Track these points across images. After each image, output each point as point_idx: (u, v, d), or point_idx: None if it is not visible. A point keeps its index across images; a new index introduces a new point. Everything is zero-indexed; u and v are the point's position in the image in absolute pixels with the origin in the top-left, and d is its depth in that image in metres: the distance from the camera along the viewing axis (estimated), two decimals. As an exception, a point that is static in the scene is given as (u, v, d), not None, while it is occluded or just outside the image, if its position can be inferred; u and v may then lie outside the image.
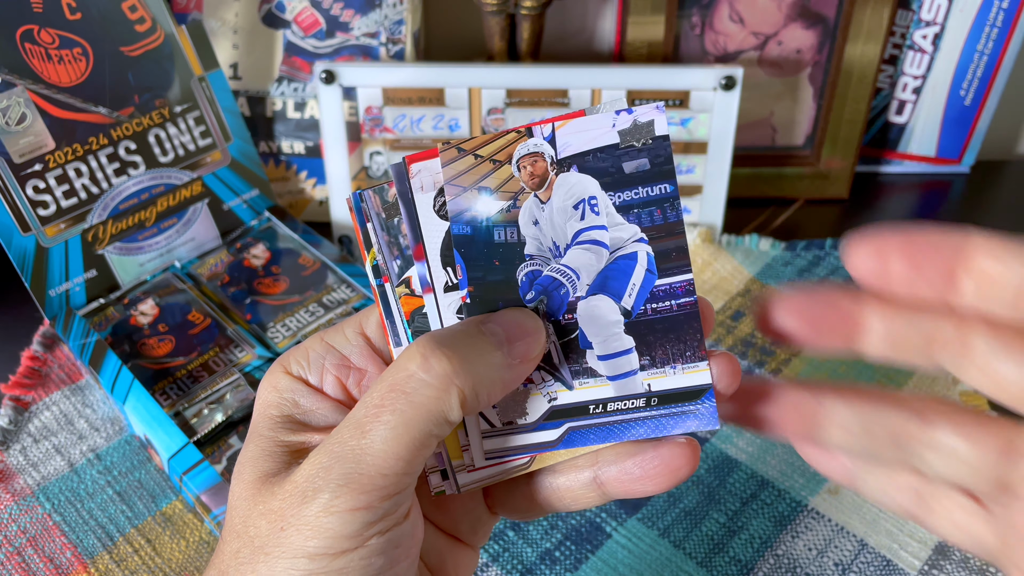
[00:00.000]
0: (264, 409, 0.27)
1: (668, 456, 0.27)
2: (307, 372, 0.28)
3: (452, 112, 0.63)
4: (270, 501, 0.24)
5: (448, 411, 0.24)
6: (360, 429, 0.24)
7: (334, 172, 0.65)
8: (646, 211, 0.26)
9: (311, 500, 0.23)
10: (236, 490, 0.26)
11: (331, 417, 0.27)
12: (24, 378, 0.56)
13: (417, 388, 0.24)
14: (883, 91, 0.73)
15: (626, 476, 0.27)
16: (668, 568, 0.46)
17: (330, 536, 0.23)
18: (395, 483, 0.23)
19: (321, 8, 0.64)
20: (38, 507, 0.49)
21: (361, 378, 0.28)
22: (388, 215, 0.27)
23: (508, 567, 0.46)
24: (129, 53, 0.56)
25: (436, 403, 0.24)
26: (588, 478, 0.28)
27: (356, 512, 0.23)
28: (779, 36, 0.69)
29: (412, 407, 0.23)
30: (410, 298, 0.27)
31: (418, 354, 0.24)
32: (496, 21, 0.64)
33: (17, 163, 0.52)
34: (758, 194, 0.73)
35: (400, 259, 0.27)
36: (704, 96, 0.62)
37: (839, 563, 0.46)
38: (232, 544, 0.25)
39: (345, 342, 0.28)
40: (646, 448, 0.27)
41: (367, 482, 0.23)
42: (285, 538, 0.23)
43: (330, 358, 0.28)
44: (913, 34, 0.70)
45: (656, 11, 0.66)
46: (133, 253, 0.58)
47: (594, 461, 0.28)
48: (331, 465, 0.23)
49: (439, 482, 0.28)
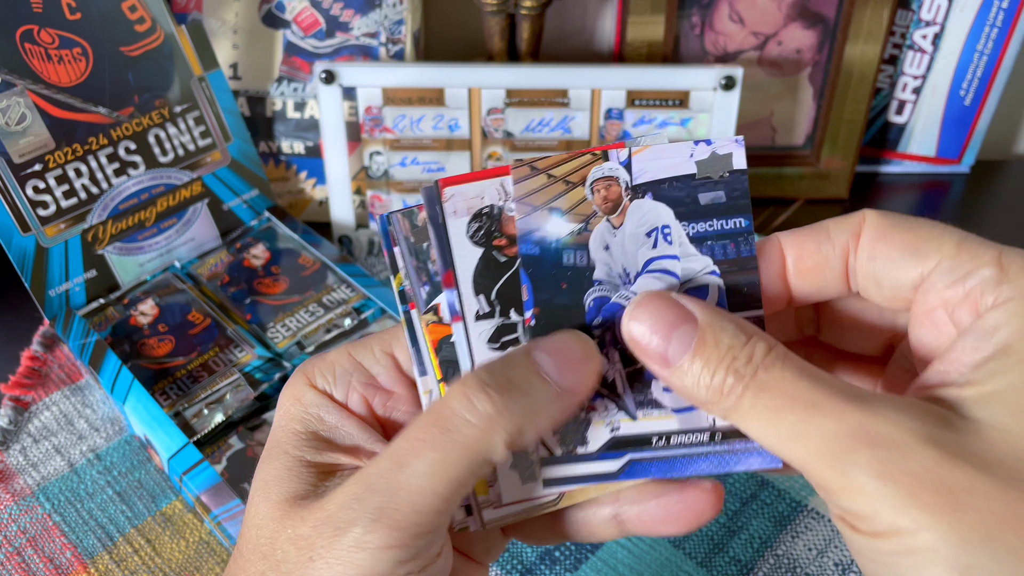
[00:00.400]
0: (287, 423, 0.26)
1: (692, 501, 0.26)
2: (332, 387, 0.27)
3: (452, 112, 0.63)
4: (299, 527, 0.24)
5: (491, 452, 0.23)
6: (398, 462, 0.23)
7: (334, 172, 0.65)
8: (719, 244, 0.26)
9: (343, 533, 0.23)
10: (262, 510, 0.25)
11: (356, 436, 0.26)
12: (24, 378, 0.56)
13: (459, 427, 0.23)
14: (883, 91, 0.73)
15: (648, 517, 0.27)
16: (668, 568, 0.46)
17: (360, 573, 0.22)
18: (430, 521, 0.23)
19: (321, 8, 0.64)
20: (38, 507, 0.49)
21: (387, 399, 0.27)
22: (417, 240, 0.26)
23: (508, 567, 0.46)
24: (129, 53, 0.56)
25: (478, 444, 0.23)
26: (608, 515, 0.27)
27: (388, 550, 0.22)
28: (779, 36, 0.69)
29: (453, 446, 0.23)
30: (438, 326, 0.26)
31: (461, 395, 0.23)
32: (496, 21, 0.64)
33: (17, 163, 0.52)
34: (758, 194, 0.73)
35: (429, 285, 0.26)
36: (704, 96, 0.62)
37: (839, 563, 0.46)
38: (257, 565, 0.24)
39: (373, 361, 0.27)
40: (670, 490, 0.26)
41: (401, 518, 0.22)
42: (314, 569, 0.23)
43: (357, 375, 0.27)
44: (913, 34, 0.70)
45: (656, 11, 0.66)
46: (133, 253, 0.58)
47: (616, 499, 0.27)
48: (365, 497, 0.23)
49: (463, 518, 0.27)
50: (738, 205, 0.26)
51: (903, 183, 0.76)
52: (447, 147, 0.64)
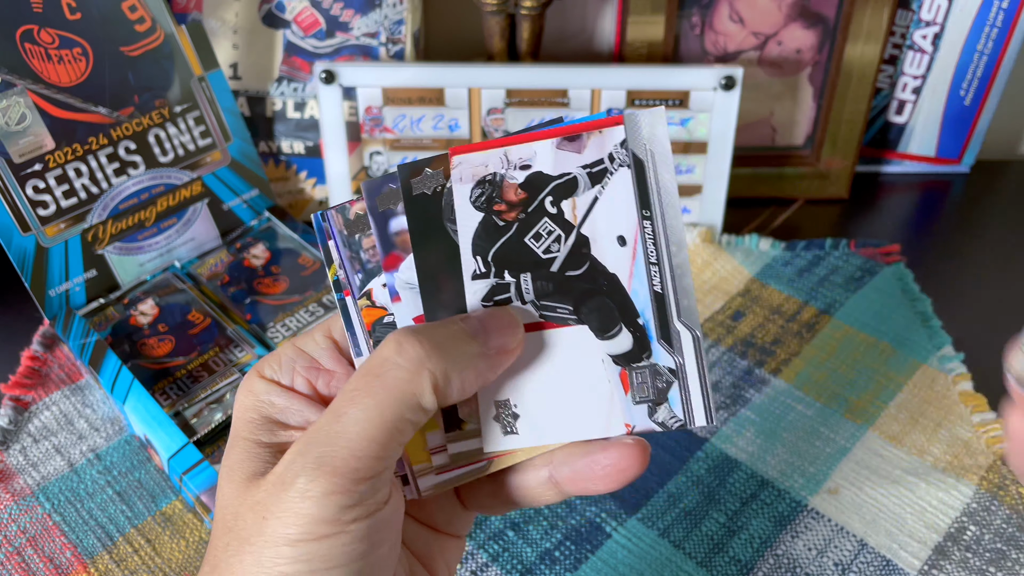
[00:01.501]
0: (243, 413, 0.28)
1: (617, 457, 0.28)
2: (279, 375, 0.28)
3: (452, 112, 0.62)
4: (256, 494, 0.25)
5: (420, 394, 0.24)
6: (335, 414, 0.24)
7: (334, 172, 0.65)
8: None
9: (289, 487, 0.24)
10: (226, 491, 0.26)
11: (307, 414, 0.28)
12: (24, 378, 0.56)
13: (390, 371, 0.24)
14: (883, 91, 0.73)
15: (578, 476, 0.28)
16: (668, 568, 0.46)
17: (308, 522, 0.23)
18: (369, 466, 0.24)
19: (321, 8, 0.64)
20: (38, 507, 0.49)
21: (330, 379, 0.29)
22: (350, 232, 0.28)
23: (508, 567, 0.46)
24: (129, 53, 0.56)
25: (408, 385, 0.24)
26: (544, 477, 0.29)
27: (331, 496, 0.23)
28: (779, 36, 0.69)
29: (385, 390, 0.24)
30: (371, 309, 0.28)
31: (392, 341, 0.25)
32: (496, 21, 0.64)
33: (17, 163, 0.52)
34: (758, 194, 0.73)
35: (361, 273, 0.28)
36: (704, 96, 0.62)
37: (839, 563, 0.46)
38: (223, 539, 0.25)
39: (315, 346, 0.29)
40: (595, 449, 0.28)
41: (340, 464, 0.23)
42: (267, 527, 0.24)
43: (300, 361, 0.29)
44: (913, 34, 0.70)
45: (656, 11, 0.66)
46: (133, 253, 0.58)
47: (548, 461, 0.29)
48: (306, 450, 0.24)
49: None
50: None
51: (903, 183, 0.76)
52: (447, 147, 0.64)
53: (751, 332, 0.59)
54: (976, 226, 0.70)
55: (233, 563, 0.24)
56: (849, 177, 0.72)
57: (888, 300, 0.62)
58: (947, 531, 0.47)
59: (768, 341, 0.59)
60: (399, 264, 0.28)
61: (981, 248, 0.68)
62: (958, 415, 0.53)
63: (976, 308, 0.62)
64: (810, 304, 0.62)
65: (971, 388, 0.55)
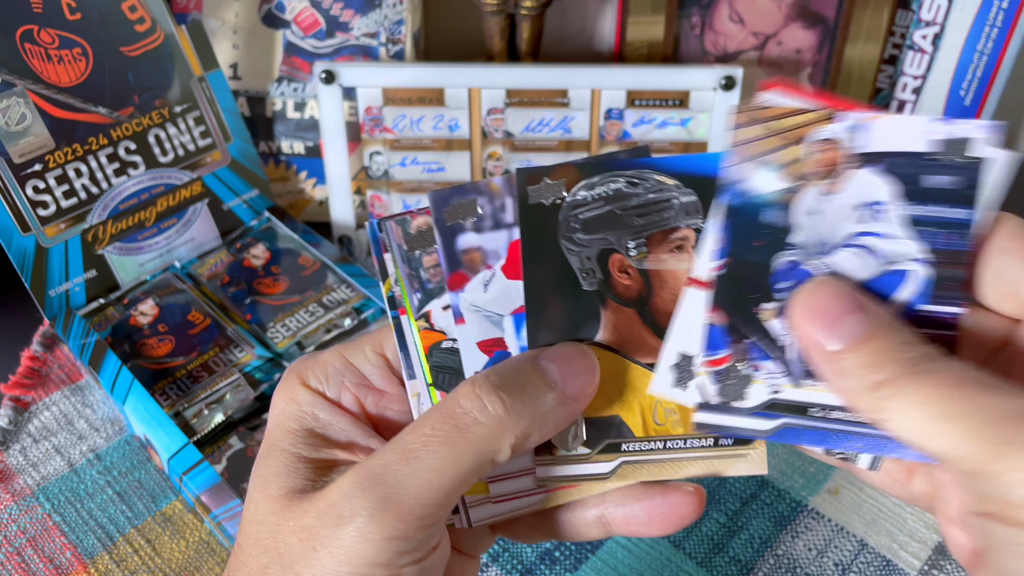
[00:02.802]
0: (282, 421, 0.27)
1: (676, 504, 0.27)
2: (325, 386, 0.27)
3: (452, 112, 0.62)
4: (302, 518, 0.24)
5: (498, 453, 0.24)
6: (406, 454, 0.23)
7: (334, 172, 0.65)
8: (933, 232, 0.25)
9: (347, 523, 0.23)
10: (262, 504, 0.25)
11: (351, 433, 0.27)
12: (24, 378, 0.56)
13: (470, 427, 0.23)
14: (883, 91, 0.73)
15: (632, 519, 0.27)
16: (668, 568, 0.46)
17: (363, 563, 0.23)
18: (434, 514, 0.23)
19: (321, 8, 0.64)
20: (38, 507, 0.49)
21: (379, 399, 0.27)
22: (410, 247, 0.26)
23: (508, 567, 0.46)
24: (129, 53, 0.56)
25: (488, 444, 0.23)
26: (594, 516, 0.28)
27: (392, 541, 0.23)
28: (779, 36, 0.69)
29: (464, 444, 0.23)
30: (429, 332, 0.27)
31: (475, 395, 0.24)
32: (496, 21, 0.64)
33: (17, 163, 0.52)
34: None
35: (420, 292, 0.27)
36: (704, 96, 0.62)
37: (839, 563, 0.46)
38: (260, 559, 0.24)
39: (365, 361, 0.28)
40: (654, 493, 0.27)
41: (406, 511, 0.23)
42: (317, 559, 0.23)
43: (349, 375, 0.27)
44: (913, 34, 0.70)
45: (656, 11, 0.66)
46: (133, 253, 0.58)
47: (601, 501, 0.27)
48: (370, 487, 0.23)
49: (450, 516, 0.27)
50: (965, 195, 0.24)
51: (903, 183, 0.76)
52: (447, 147, 0.64)
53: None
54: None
55: None
56: (849, 177, 0.72)
57: (888, 300, 0.62)
58: (947, 531, 0.47)
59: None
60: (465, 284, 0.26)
61: (981, 248, 0.67)
62: (958, 415, 0.53)
63: (976, 308, 0.62)
64: (810, 304, 0.61)
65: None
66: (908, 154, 0.24)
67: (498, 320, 0.27)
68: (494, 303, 0.27)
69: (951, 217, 0.24)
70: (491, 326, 0.27)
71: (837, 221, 0.25)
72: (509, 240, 0.26)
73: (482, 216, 0.26)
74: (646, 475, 0.27)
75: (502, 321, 0.27)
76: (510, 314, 0.27)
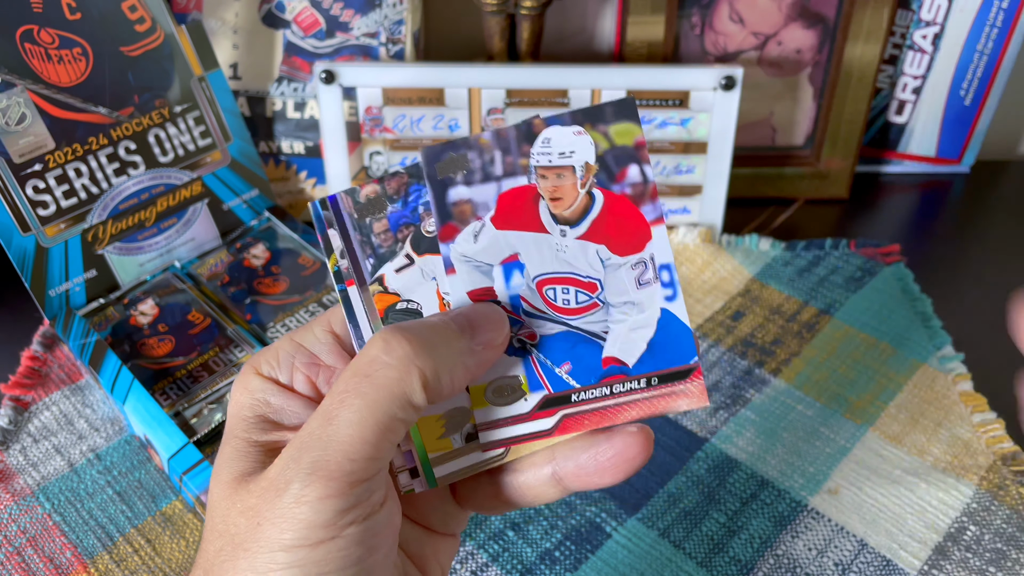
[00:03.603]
0: (237, 411, 0.27)
1: (622, 446, 0.27)
2: (277, 372, 0.28)
3: (452, 112, 0.63)
4: (247, 498, 0.24)
5: (411, 393, 0.24)
6: (326, 416, 0.24)
7: (334, 172, 0.65)
8: None
9: (283, 492, 0.23)
10: (214, 491, 0.26)
11: (303, 414, 0.27)
12: (24, 378, 0.56)
13: (379, 370, 0.24)
14: (883, 91, 0.73)
15: (582, 470, 0.28)
16: (668, 568, 0.46)
17: (304, 527, 0.23)
18: (363, 468, 0.23)
19: (321, 8, 0.64)
20: (38, 507, 0.49)
21: (331, 375, 0.28)
22: (360, 216, 0.27)
23: (508, 567, 0.46)
24: (129, 53, 0.56)
25: (398, 384, 0.24)
26: (547, 474, 0.28)
27: (327, 500, 0.23)
28: (779, 36, 0.69)
29: (375, 390, 0.24)
30: (384, 295, 0.28)
31: (380, 339, 0.24)
32: (496, 21, 0.64)
33: (17, 163, 0.52)
34: (758, 194, 0.73)
35: (373, 258, 0.27)
36: (704, 96, 0.62)
37: (839, 563, 0.46)
38: (214, 543, 0.25)
39: (314, 340, 0.28)
40: (599, 441, 0.27)
41: (335, 468, 0.23)
42: (262, 533, 0.23)
43: (299, 357, 0.28)
44: (913, 34, 0.70)
45: (656, 11, 0.66)
46: (133, 253, 0.58)
47: (551, 457, 0.28)
48: (299, 455, 0.24)
49: (408, 481, 0.28)
50: None
51: (903, 183, 0.76)
52: (447, 147, 0.64)
53: (751, 332, 0.59)
54: (976, 226, 0.70)
55: (227, 568, 0.24)
56: (849, 177, 0.72)
57: (888, 300, 0.62)
58: (947, 531, 0.47)
59: (768, 341, 0.59)
60: (455, 235, 0.27)
61: (981, 248, 0.68)
62: (958, 415, 0.53)
63: (976, 308, 0.62)
64: (810, 304, 0.62)
65: (971, 388, 0.55)
66: None
67: (488, 270, 0.27)
68: (483, 253, 0.27)
69: None
70: (481, 276, 0.27)
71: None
72: (498, 192, 0.27)
73: (472, 170, 0.27)
74: (589, 425, 0.28)
75: (492, 271, 0.27)
76: (499, 263, 0.27)
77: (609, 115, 0.27)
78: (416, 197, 0.28)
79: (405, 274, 0.28)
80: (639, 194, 0.27)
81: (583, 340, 0.28)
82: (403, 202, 0.28)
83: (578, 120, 0.27)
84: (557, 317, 0.28)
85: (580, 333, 0.28)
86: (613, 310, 0.28)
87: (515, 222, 0.27)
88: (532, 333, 0.28)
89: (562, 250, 0.27)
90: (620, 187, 0.27)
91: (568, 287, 0.28)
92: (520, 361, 0.28)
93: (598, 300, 0.28)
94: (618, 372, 0.28)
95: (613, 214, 0.27)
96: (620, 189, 0.27)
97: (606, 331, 0.28)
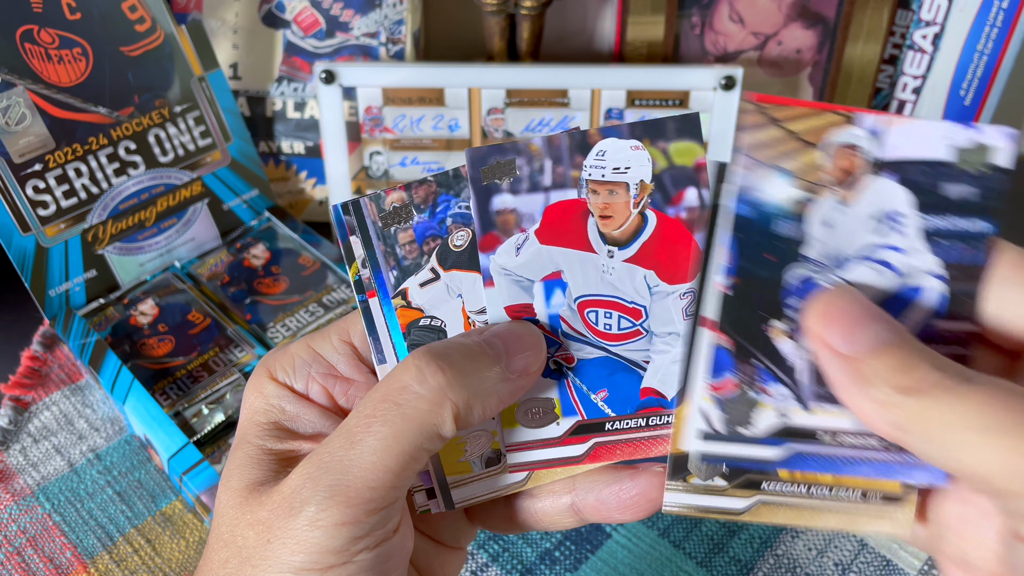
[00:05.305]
0: (251, 416, 0.27)
1: (647, 486, 0.26)
2: (293, 379, 0.27)
3: (452, 112, 0.63)
4: (258, 511, 0.24)
5: (440, 425, 0.23)
6: (350, 439, 0.23)
7: (334, 172, 0.65)
8: (952, 245, 0.23)
9: (298, 513, 0.23)
10: (223, 498, 0.25)
11: (319, 424, 0.27)
12: (24, 378, 0.56)
13: (410, 400, 0.23)
14: (883, 91, 0.73)
15: (603, 505, 0.27)
16: (668, 568, 0.46)
17: (316, 551, 0.22)
18: (383, 496, 0.23)
19: (321, 8, 0.64)
20: (38, 507, 0.49)
21: (348, 388, 0.27)
22: (385, 224, 0.26)
23: (508, 567, 0.46)
24: (129, 53, 0.56)
25: (429, 416, 0.23)
26: (565, 503, 0.27)
27: (342, 527, 0.22)
28: (779, 36, 0.69)
29: (404, 419, 0.23)
30: (407, 310, 0.26)
31: (413, 366, 0.24)
32: (496, 21, 0.64)
33: (17, 163, 0.52)
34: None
35: (396, 269, 0.26)
36: (704, 96, 0.62)
37: (839, 563, 0.46)
38: (220, 553, 0.24)
39: (332, 350, 0.27)
40: (623, 477, 0.27)
41: (354, 495, 0.23)
42: (271, 551, 0.23)
43: (316, 366, 0.27)
44: (913, 34, 0.70)
45: (656, 11, 0.66)
46: (133, 253, 0.58)
47: (571, 487, 0.27)
48: (318, 476, 0.23)
49: (424, 501, 0.27)
50: (986, 206, 0.23)
51: (903, 183, 0.76)
52: (447, 147, 0.64)
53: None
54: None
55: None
56: (849, 177, 0.72)
57: (888, 300, 0.62)
58: (947, 531, 0.47)
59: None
60: (497, 246, 0.26)
61: (981, 248, 0.67)
62: (958, 415, 0.53)
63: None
64: (810, 304, 0.62)
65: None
66: (927, 162, 0.23)
67: (528, 286, 0.26)
68: (525, 268, 0.26)
69: (967, 229, 0.23)
70: (520, 291, 0.26)
71: (853, 233, 0.24)
72: (545, 204, 0.26)
73: (519, 177, 0.26)
74: (781, 518, 0.26)
75: (532, 287, 0.26)
76: (541, 280, 0.26)
77: (671, 131, 0.25)
78: (444, 208, 0.26)
79: (430, 289, 0.26)
80: (693, 219, 0.25)
81: (622, 368, 0.26)
82: (430, 212, 0.26)
83: (636, 134, 0.25)
84: (597, 342, 0.26)
85: (619, 360, 0.26)
86: (656, 339, 0.26)
87: (561, 238, 0.26)
88: (570, 356, 0.27)
89: (608, 272, 0.26)
90: (675, 210, 0.25)
91: (611, 311, 0.26)
92: (555, 384, 0.27)
93: (641, 328, 0.26)
94: (656, 404, 0.26)
95: (665, 239, 0.25)
96: (675, 212, 0.25)
97: (647, 360, 0.26)
